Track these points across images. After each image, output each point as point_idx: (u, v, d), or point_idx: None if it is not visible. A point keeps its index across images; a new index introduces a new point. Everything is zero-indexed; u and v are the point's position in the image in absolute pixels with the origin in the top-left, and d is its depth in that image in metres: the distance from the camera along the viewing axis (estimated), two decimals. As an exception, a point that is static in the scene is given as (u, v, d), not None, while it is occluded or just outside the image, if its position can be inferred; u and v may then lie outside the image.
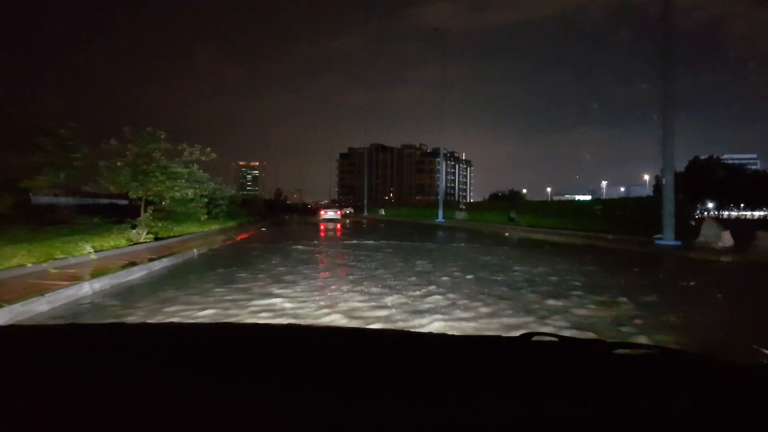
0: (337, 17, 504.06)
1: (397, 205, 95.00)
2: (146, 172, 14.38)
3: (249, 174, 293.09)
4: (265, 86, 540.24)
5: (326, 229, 30.64)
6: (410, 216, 58.34)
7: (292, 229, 31.82)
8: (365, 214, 79.78)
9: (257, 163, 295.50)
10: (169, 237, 16.63)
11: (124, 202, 23.38)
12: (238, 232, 22.30)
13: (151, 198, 15.72)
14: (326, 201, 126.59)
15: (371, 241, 18.24)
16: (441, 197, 46.67)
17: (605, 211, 30.89)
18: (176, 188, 15.76)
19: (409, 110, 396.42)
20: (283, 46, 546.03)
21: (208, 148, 16.99)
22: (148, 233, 14.99)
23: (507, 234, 25.50)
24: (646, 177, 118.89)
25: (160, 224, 18.22)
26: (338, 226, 34.94)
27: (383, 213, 75.80)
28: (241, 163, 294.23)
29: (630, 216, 26.65)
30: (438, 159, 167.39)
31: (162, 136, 15.01)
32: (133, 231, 14.62)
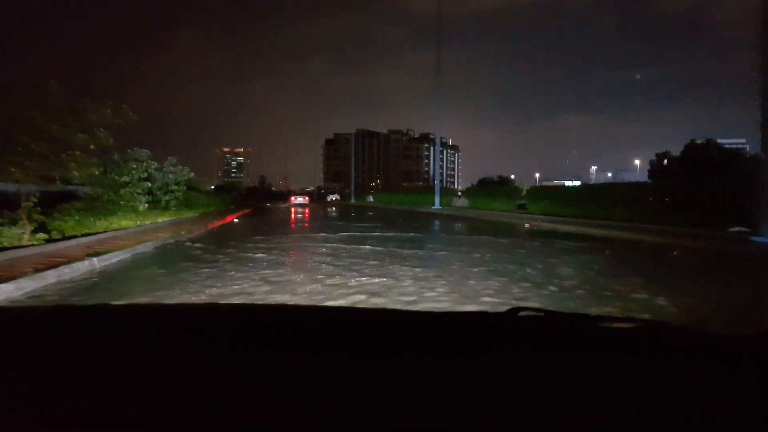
0: (322, 1, 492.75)
1: (384, 192, 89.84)
2: (10, 137, 9.35)
3: (234, 161, 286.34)
4: (249, 71, 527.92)
5: (308, 220, 25.97)
6: (402, 203, 53.63)
7: (269, 219, 27.08)
8: (353, 200, 75.31)
9: (242, 150, 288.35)
10: (79, 236, 11.79)
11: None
12: (195, 225, 17.40)
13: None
14: (312, 188, 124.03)
15: (373, 233, 13.71)
16: (437, 182, 41.99)
17: (626, 197, 26.76)
18: (73, 165, 10.80)
19: (396, 96, 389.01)
20: (267, 30, 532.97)
21: (125, 105, 11.96)
22: (36, 232, 10.15)
23: (527, 226, 20.93)
24: (637, 162, 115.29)
25: (77, 216, 13.34)
26: (306, 210, 39.14)
27: (371, 200, 71.49)
28: (225, 149, 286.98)
29: (667, 203, 22.33)
30: (426, 144, 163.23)
31: (55, 88, 10.07)
32: (14, 229, 9.81)
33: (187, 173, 22.02)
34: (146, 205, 15.96)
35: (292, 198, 59.60)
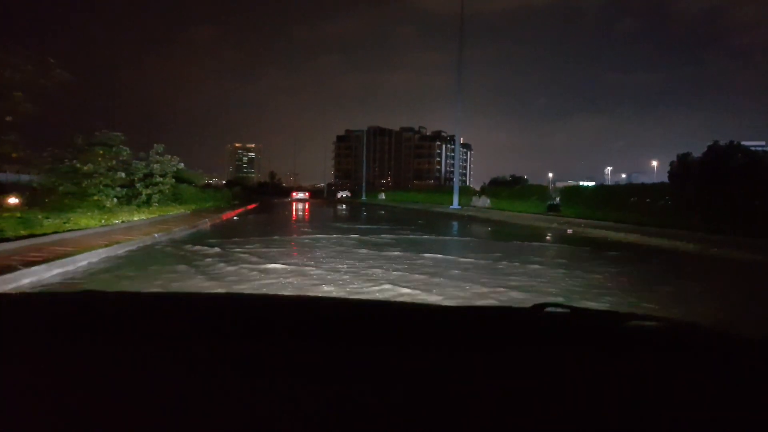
0: (335, 0, 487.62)
1: (395, 190, 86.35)
2: None
3: (245, 156, 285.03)
4: (263, 68, 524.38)
5: (317, 219, 23.17)
6: (416, 201, 50.57)
7: (273, 218, 24.32)
8: (363, 198, 72.45)
9: (253, 145, 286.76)
10: (13, 239, 8.98)
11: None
12: (179, 225, 14.51)
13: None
14: (322, 185, 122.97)
15: (396, 235, 10.78)
16: (456, 180, 38.85)
17: (670, 198, 23.86)
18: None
19: (407, 94, 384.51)
20: (281, 28, 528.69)
21: (52, 60, 9.03)
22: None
23: (570, 232, 17.91)
24: (654, 163, 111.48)
25: (19, 214, 10.50)
26: (307, 204, 40.91)
27: (383, 197, 68.65)
28: (237, 144, 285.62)
29: (719, 207, 19.26)
30: (438, 142, 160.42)
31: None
32: None
33: (176, 163, 19.13)
34: (116, 199, 13.15)
35: (294, 193, 64.44)
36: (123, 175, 14.41)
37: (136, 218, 14.06)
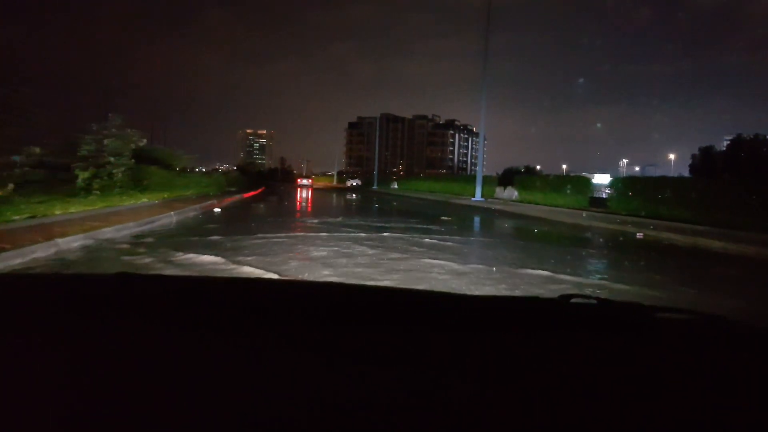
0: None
1: (407, 178, 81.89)
2: None
3: (256, 143, 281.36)
4: (276, 54, 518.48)
5: (323, 212, 19.27)
6: (432, 191, 46.42)
7: (265, 210, 20.43)
8: (375, 187, 68.55)
9: (264, 132, 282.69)
10: None
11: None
12: (118, 222, 10.65)
13: None
14: (332, 173, 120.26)
15: (430, 238, 6.87)
16: (480, 169, 34.73)
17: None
18: None
19: (420, 83, 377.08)
20: (295, 13, 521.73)
21: None
22: None
23: (640, 236, 13.84)
24: (672, 156, 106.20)
25: None
26: (310, 191, 44.47)
27: (396, 186, 64.64)
28: (248, 131, 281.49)
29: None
30: (451, 131, 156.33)
31: None
32: None
33: (136, 139, 15.22)
34: (12, 185, 9.42)
35: (299, 180, 72.85)
36: (38, 150, 10.75)
37: (58, 212, 10.19)
